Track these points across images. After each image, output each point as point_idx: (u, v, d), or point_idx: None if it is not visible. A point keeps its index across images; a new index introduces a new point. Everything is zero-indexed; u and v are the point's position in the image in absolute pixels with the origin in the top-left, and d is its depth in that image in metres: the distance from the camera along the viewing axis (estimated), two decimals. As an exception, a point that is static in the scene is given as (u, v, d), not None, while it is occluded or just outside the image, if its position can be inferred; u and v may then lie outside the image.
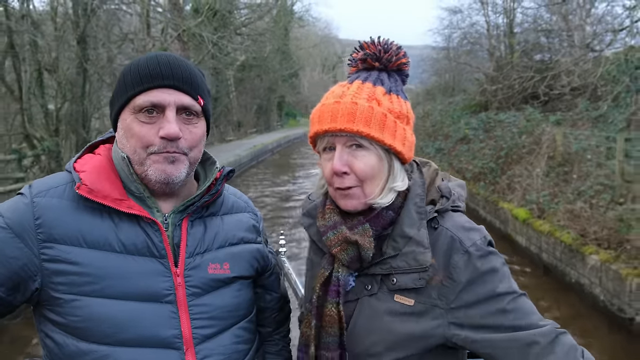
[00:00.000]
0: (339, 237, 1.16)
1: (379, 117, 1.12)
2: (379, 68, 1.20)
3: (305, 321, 1.23)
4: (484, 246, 1.13)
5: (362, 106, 1.12)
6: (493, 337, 1.09)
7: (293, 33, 46.05)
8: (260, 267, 1.30)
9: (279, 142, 33.83)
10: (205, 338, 1.12)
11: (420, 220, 1.15)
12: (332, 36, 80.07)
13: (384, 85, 1.17)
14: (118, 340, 1.04)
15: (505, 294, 1.10)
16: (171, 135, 1.08)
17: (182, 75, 1.11)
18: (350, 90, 1.16)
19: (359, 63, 1.22)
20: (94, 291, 1.05)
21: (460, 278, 1.11)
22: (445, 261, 1.12)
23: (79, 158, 1.16)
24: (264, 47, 33.55)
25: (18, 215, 1.06)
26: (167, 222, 1.15)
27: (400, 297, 1.13)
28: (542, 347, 1.06)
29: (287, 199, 15.04)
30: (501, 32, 19.97)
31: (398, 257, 1.14)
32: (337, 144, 1.15)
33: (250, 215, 1.34)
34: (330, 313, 1.16)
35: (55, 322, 1.07)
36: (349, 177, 1.14)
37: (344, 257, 1.16)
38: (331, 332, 1.16)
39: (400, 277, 1.13)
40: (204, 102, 1.15)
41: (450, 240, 1.13)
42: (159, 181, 1.11)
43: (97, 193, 1.07)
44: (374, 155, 1.14)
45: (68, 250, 1.05)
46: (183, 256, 1.13)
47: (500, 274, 1.12)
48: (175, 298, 1.10)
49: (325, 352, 1.16)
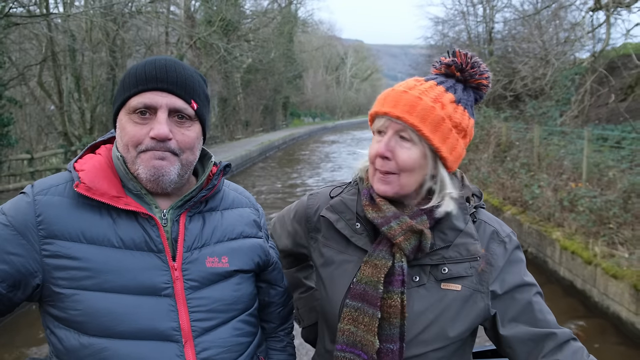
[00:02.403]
0: (403, 226, 1.17)
1: (437, 118, 1.15)
2: (458, 78, 1.22)
3: (346, 318, 1.20)
4: (514, 238, 1.26)
5: (425, 103, 1.15)
6: (515, 326, 1.17)
7: (297, 37, 47.28)
8: (262, 261, 1.30)
9: (284, 139, 35.55)
10: (205, 331, 1.13)
11: (464, 214, 1.21)
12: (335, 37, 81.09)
13: (456, 95, 1.20)
14: (117, 333, 1.06)
15: (532, 284, 1.22)
16: (160, 135, 1.10)
17: (176, 79, 1.13)
18: (422, 87, 1.19)
19: (442, 67, 1.23)
20: (93, 285, 1.07)
21: (498, 263, 1.20)
22: (486, 249, 1.21)
23: (80, 158, 1.18)
24: (270, 52, 35.21)
25: (20, 213, 1.08)
26: (165, 218, 1.16)
27: (447, 284, 1.18)
28: (555, 345, 1.13)
29: (293, 187, 17.56)
30: (482, 39, 22.47)
31: (450, 248, 1.18)
32: (390, 129, 1.18)
33: (251, 211, 1.35)
34: (395, 303, 1.16)
35: (57, 317, 1.09)
36: (390, 163, 1.17)
37: (407, 246, 1.17)
38: (394, 322, 1.16)
39: (452, 267, 1.17)
40: (198, 106, 1.16)
41: (490, 231, 1.23)
42: (149, 179, 1.13)
43: (95, 191, 1.09)
44: (419, 150, 1.16)
45: (68, 245, 1.07)
46: (181, 250, 1.15)
47: (525, 267, 1.24)
48: (174, 291, 1.12)
49: (387, 344, 1.16)
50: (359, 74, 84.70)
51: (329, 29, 78.44)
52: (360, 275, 1.20)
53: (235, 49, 26.58)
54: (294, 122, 54.46)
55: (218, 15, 25.49)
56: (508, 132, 12.28)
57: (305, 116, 61.08)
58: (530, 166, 9.91)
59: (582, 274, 6.57)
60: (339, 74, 78.43)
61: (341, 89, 77.49)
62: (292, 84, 49.06)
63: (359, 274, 1.20)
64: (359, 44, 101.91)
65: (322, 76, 70.84)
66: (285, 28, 38.88)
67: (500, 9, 21.60)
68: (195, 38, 24.75)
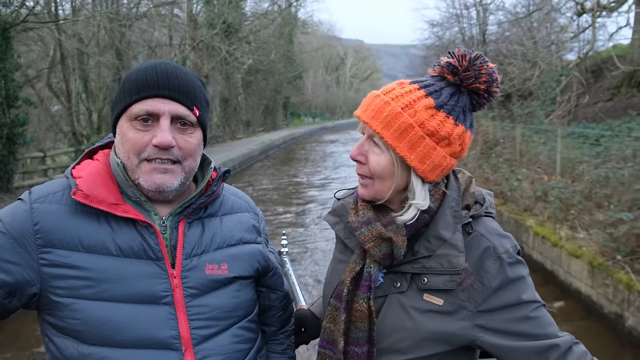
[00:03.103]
0: (373, 232, 1.16)
1: (403, 126, 1.10)
2: (450, 82, 1.14)
3: (328, 316, 1.22)
4: (514, 254, 1.15)
5: (392, 109, 1.11)
6: (513, 344, 1.10)
7: (297, 38, 47.88)
8: (261, 267, 1.29)
9: (284, 139, 36.29)
10: (204, 338, 1.13)
11: (455, 223, 1.15)
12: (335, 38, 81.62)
13: (438, 100, 1.12)
14: (116, 342, 1.05)
15: (530, 302, 1.12)
16: (163, 143, 1.09)
17: (178, 85, 1.12)
18: (398, 91, 1.14)
19: (437, 69, 1.17)
20: (92, 294, 1.06)
21: (491, 283, 1.11)
22: (477, 265, 1.12)
23: (78, 164, 1.17)
24: (270, 53, 35.83)
25: (17, 221, 1.07)
26: (164, 225, 1.15)
27: (429, 297, 1.13)
28: (559, 354, 1.09)
29: (294, 184, 18.22)
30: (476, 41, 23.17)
31: (431, 258, 1.13)
32: (366, 133, 1.17)
33: (250, 215, 1.33)
34: (361, 308, 1.16)
35: (56, 326, 1.08)
36: (364, 167, 1.17)
37: (376, 253, 1.15)
38: (361, 327, 1.16)
39: (431, 278, 1.13)
40: (199, 112, 1.16)
41: (485, 247, 1.13)
42: (151, 190, 1.12)
43: (93, 198, 1.08)
44: (387, 158, 1.13)
45: (66, 254, 1.07)
46: (180, 258, 1.14)
47: (527, 283, 1.14)
48: (173, 299, 1.11)
49: (354, 346, 1.16)
50: (359, 74, 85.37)
51: (329, 29, 79.28)
52: (342, 276, 1.22)
53: (237, 50, 27.24)
54: (294, 122, 54.98)
55: (220, 18, 26.20)
56: (494, 131, 13.05)
57: (305, 116, 61.83)
58: (512, 161, 10.68)
59: (551, 256, 7.34)
60: (339, 74, 79.22)
61: (341, 89, 78.27)
62: (292, 85, 49.67)
63: (342, 275, 1.23)
64: (359, 44, 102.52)
65: (322, 76, 71.58)
66: (285, 30, 39.50)
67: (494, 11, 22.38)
68: (197, 40, 25.44)
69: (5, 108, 11.22)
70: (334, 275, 1.29)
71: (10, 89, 11.36)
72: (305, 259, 8.92)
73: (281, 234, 2.52)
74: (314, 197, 15.21)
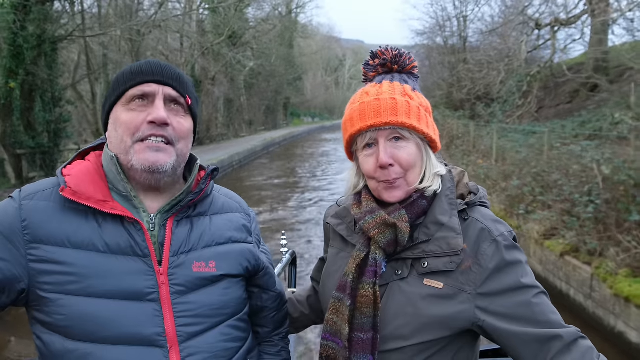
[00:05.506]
0: (377, 219, 1.19)
1: (415, 110, 1.21)
2: (397, 70, 1.28)
3: (331, 309, 1.24)
4: (510, 238, 1.18)
5: (400, 101, 1.20)
6: (516, 329, 1.11)
7: (297, 42, 49.78)
8: (251, 266, 1.29)
9: (285, 137, 38.33)
10: (191, 336, 1.12)
11: (451, 209, 1.20)
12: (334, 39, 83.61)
13: (409, 84, 1.26)
14: (101, 338, 1.06)
15: (531, 286, 1.13)
16: (159, 119, 1.10)
17: (171, 74, 1.16)
18: (384, 89, 1.23)
19: (379, 68, 1.29)
20: (78, 290, 1.06)
21: (488, 265, 1.14)
22: (474, 249, 1.16)
23: (69, 164, 1.18)
24: (271, 57, 37.76)
25: (6, 218, 1.09)
26: (153, 222, 1.15)
27: (429, 281, 1.16)
28: (563, 346, 1.08)
29: (294, 176, 20.04)
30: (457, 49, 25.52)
31: (430, 242, 1.18)
32: (380, 138, 1.20)
33: (241, 215, 1.33)
34: (367, 294, 1.18)
35: (43, 322, 1.08)
36: (394, 169, 1.19)
37: (381, 239, 1.19)
38: (366, 312, 1.17)
39: (432, 261, 1.16)
40: (191, 102, 1.19)
41: (480, 230, 1.17)
42: (145, 169, 1.12)
43: (81, 195, 1.09)
44: (414, 145, 1.20)
45: (53, 250, 1.07)
46: (167, 255, 1.14)
47: (525, 268, 1.16)
48: (159, 296, 1.11)
49: (359, 333, 1.18)
50: (358, 75, 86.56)
51: (329, 31, 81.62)
52: (345, 268, 1.25)
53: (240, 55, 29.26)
54: (294, 122, 56.87)
55: (226, 26, 28.26)
56: (457, 128, 15.79)
57: (305, 116, 64.03)
58: (467, 151, 13.41)
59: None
60: (338, 76, 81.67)
61: (340, 89, 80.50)
62: (293, 86, 51.78)
63: (345, 267, 1.25)
64: (358, 46, 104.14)
65: (322, 78, 73.82)
66: (286, 35, 41.37)
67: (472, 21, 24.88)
68: (205, 47, 27.65)
69: (52, 107, 13.43)
70: (336, 272, 1.32)
71: (56, 91, 13.60)
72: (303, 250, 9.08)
73: (281, 233, 2.63)
74: (312, 187, 16.81)
